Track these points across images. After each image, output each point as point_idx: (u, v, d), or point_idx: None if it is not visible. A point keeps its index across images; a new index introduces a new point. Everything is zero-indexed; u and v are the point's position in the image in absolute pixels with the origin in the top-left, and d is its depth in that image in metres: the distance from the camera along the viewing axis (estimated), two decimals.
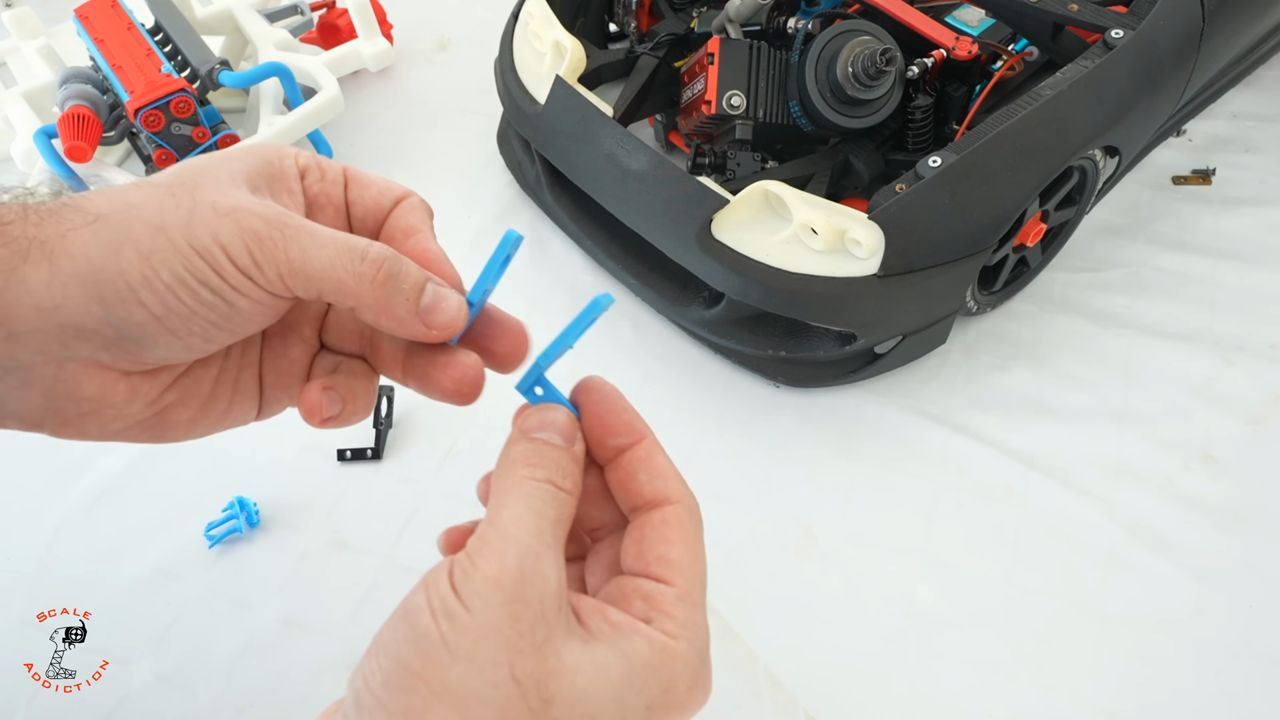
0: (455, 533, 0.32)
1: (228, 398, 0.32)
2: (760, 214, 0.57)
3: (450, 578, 0.25)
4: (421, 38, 0.93)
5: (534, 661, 0.25)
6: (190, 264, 0.27)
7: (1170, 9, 0.61)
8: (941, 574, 0.54)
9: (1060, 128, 0.56)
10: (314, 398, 0.32)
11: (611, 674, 0.26)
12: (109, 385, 0.29)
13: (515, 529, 0.26)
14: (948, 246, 0.55)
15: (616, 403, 0.31)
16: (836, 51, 0.60)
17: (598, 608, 0.28)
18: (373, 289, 0.29)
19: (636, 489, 0.30)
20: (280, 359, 0.34)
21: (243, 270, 0.28)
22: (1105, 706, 0.48)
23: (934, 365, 0.64)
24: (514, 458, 0.29)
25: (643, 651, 0.27)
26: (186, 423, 0.32)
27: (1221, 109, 0.80)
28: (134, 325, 0.27)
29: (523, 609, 0.25)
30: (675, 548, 0.29)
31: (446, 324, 0.30)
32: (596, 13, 0.79)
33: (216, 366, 0.32)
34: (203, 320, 0.28)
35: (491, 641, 0.24)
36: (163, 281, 0.27)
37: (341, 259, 0.29)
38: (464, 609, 0.24)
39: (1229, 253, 0.69)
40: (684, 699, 0.27)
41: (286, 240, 0.28)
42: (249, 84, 0.73)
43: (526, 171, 0.74)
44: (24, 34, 0.82)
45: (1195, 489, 0.56)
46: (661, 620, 0.27)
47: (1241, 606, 0.52)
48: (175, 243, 0.27)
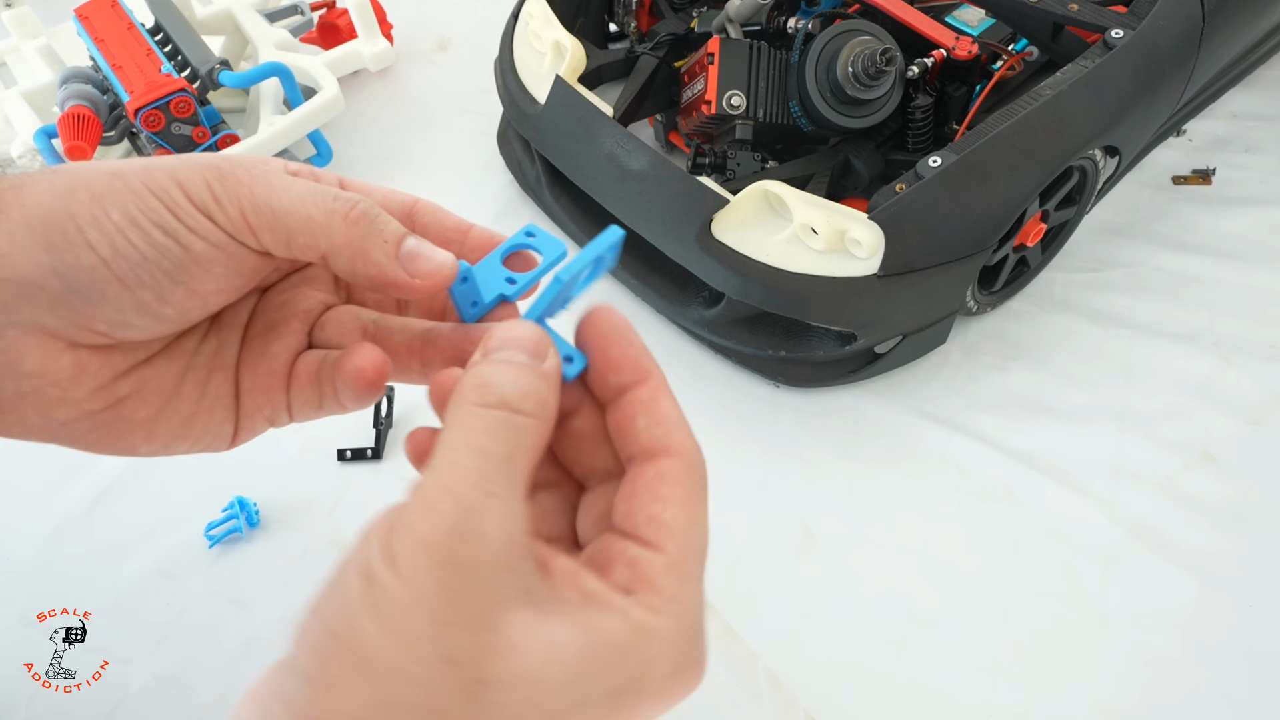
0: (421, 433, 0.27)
1: (194, 399, 0.29)
2: (760, 214, 0.57)
3: (389, 535, 0.22)
4: (421, 38, 0.93)
5: (469, 637, 0.21)
6: (143, 203, 0.25)
7: (1170, 9, 0.61)
8: (941, 574, 0.54)
9: (1060, 128, 0.56)
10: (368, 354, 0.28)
11: (566, 654, 0.22)
12: (52, 357, 0.26)
13: (452, 477, 0.22)
14: (948, 246, 0.55)
15: (622, 335, 0.27)
16: (836, 51, 0.60)
17: (572, 573, 0.24)
18: (346, 225, 0.27)
19: (634, 434, 0.26)
20: (259, 357, 0.30)
21: (199, 207, 0.25)
22: (1105, 706, 0.48)
23: (934, 365, 0.64)
24: (465, 386, 0.24)
25: (613, 629, 0.23)
26: (145, 422, 0.28)
27: (1221, 109, 0.80)
28: (81, 270, 0.25)
29: (454, 576, 0.21)
30: (669, 507, 0.25)
31: (431, 271, 0.27)
32: (596, 13, 0.79)
33: (182, 361, 0.29)
34: (154, 268, 0.25)
35: (418, 613, 0.21)
36: (112, 221, 0.25)
37: (312, 195, 0.27)
38: (392, 573, 0.21)
39: (1229, 253, 0.69)
40: (663, 685, 0.24)
41: (252, 178, 0.26)
42: (249, 84, 0.73)
43: (527, 171, 0.74)
44: (24, 34, 0.82)
45: (1195, 489, 0.57)
46: (644, 593, 0.24)
47: (1241, 606, 0.52)
48: (130, 184, 0.25)
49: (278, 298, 0.31)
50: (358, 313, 0.31)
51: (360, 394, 0.29)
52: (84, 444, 0.28)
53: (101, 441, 0.28)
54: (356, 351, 0.28)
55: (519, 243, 0.30)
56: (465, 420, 0.23)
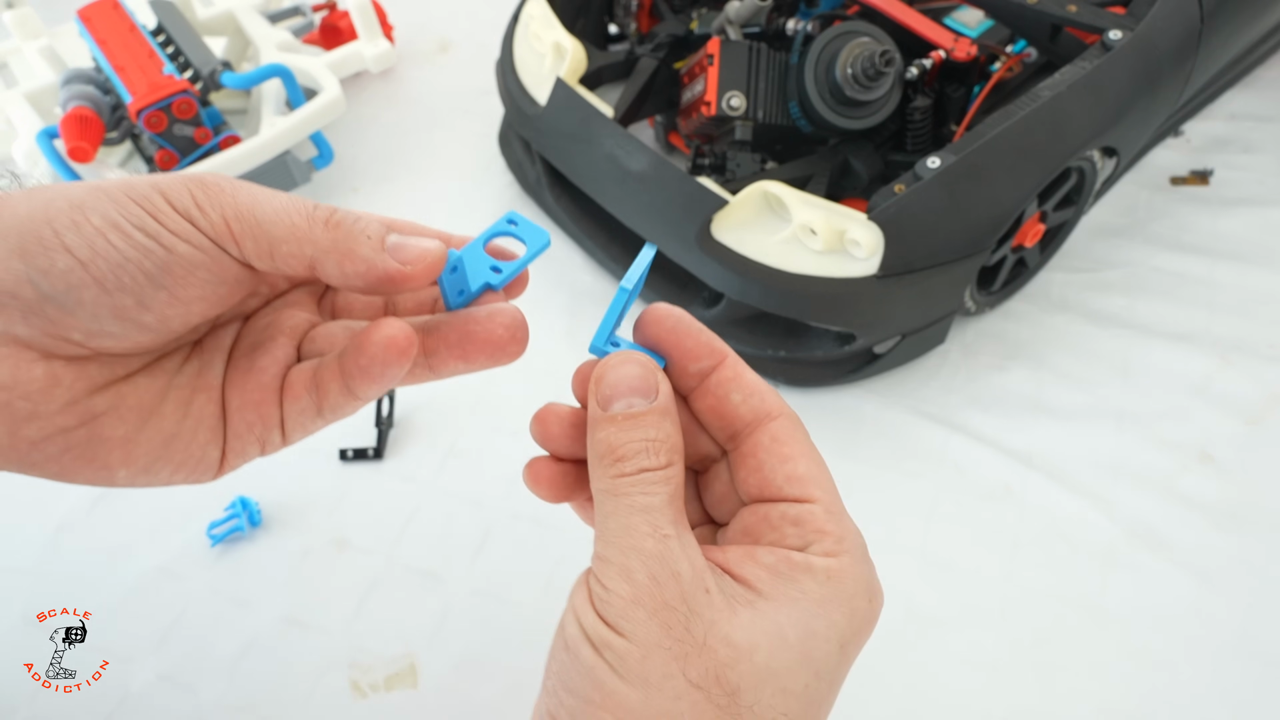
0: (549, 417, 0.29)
1: (176, 418, 0.28)
2: (760, 214, 0.57)
3: (593, 606, 0.25)
4: (423, 39, 0.93)
5: (704, 660, 0.24)
6: (124, 208, 0.25)
7: (1169, 10, 0.61)
8: (941, 573, 0.54)
9: (1059, 129, 0.57)
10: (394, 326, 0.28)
11: (789, 635, 0.24)
12: (23, 368, 0.25)
13: (629, 538, 0.25)
14: (946, 247, 0.55)
15: (692, 325, 0.28)
16: (835, 53, 0.61)
17: (747, 555, 0.26)
18: (328, 229, 0.26)
19: (732, 411, 0.28)
20: (247, 374, 0.29)
21: (182, 212, 0.25)
22: (1104, 705, 0.48)
23: (933, 365, 0.64)
24: (600, 453, 0.26)
25: (812, 589, 0.25)
26: (122, 441, 0.27)
27: (1220, 110, 0.80)
28: (56, 275, 0.24)
29: (670, 615, 0.24)
30: (800, 462, 0.27)
31: (419, 257, 0.27)
32: (597, 14, 0.79)
33: (165, 379, 0.28)
34: (135, 270, 0.25)
35: (656, 657, 0.23)
36: (93, 224, 0.24)
37: (293, 203, 0.27)
38: (617, 635, 0.24)
39: (1227, 253, 0.69)
40: (867, 613, 0.26)
41: (235, 188, 0.26)
42: (251, 85, 0.73)
43: (527, 172, 0.74)
44: (26, 35, 0.82)
45: (1194, 488, 0.57)
46: (820, 541, 0.26)
47: (1240, 606, 0.52)
48: (110, 192, 0.25)
49: (261, 322, 0.31)
50: (348, 324, 0.31)
51: (389, 367, 0.28)
52: (56, 467, 0.26)
53: (75, 464, 0.26)
54: (382, 323, 0.28)
55: (501, 230, 0.30)
56: (615, 490, 0.26)
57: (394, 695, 0.49)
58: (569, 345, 0.66)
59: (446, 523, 0.56)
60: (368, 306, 0.33)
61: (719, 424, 0.28)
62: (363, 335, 0.28)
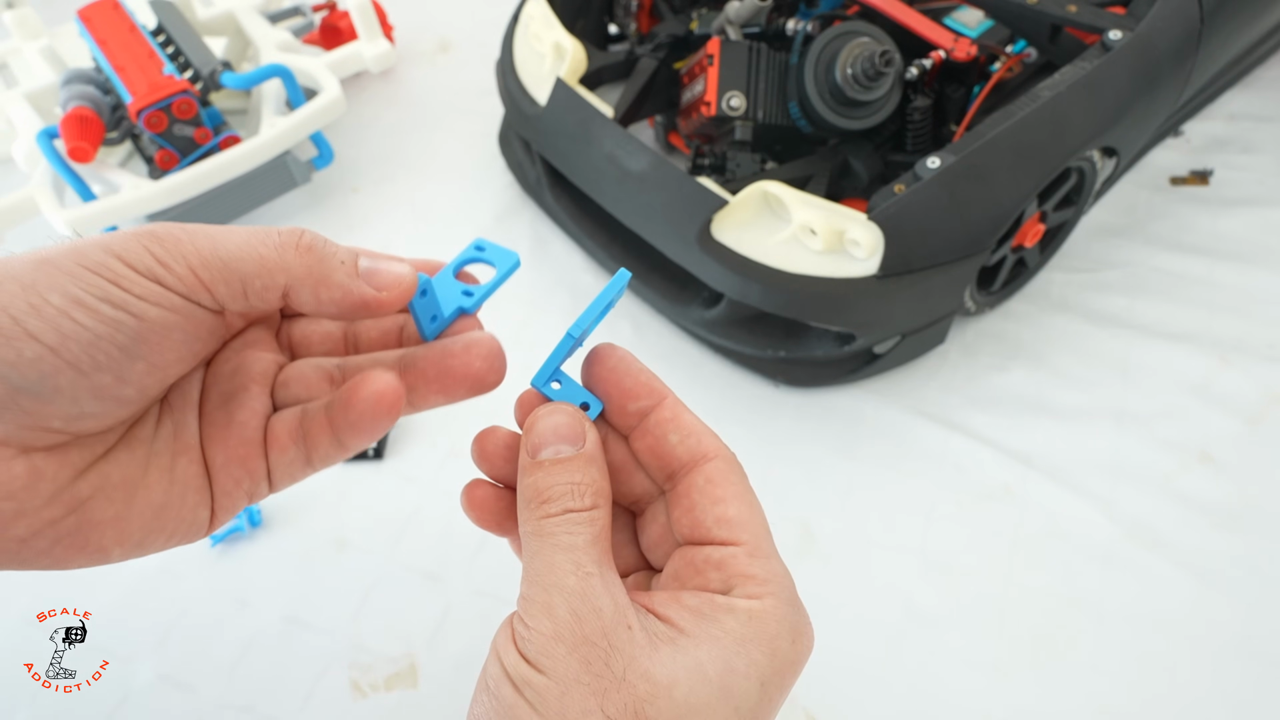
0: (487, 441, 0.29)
1: (163, 488, 0.27)
2: (759, 215, 0.57)
3: (515, 644, 0.25)
4: (423, 39, 0.94)
5: (623, 695, 0.23)
6: (83, 281, 0.23)
7: (1168, 10, 0.61)
8: (940, 573, 0.54)
9: (1058, 129, 0.57)
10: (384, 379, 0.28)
11: (709, 671, 0.24)
12: (2, 466, 0.23)
13: (552, 576, 0.25)
14: (946, 247, 0.55)
15: (631, 365, 0.28)
16: (835, 53, 0.61)
17: (672, 598, 0.26)
18: (299, 254, 0.26)
19: (669, 452, 0.28)
20: (226, 430, 0.28)
21: (145, 273, 0.24)
22: (1104, 705, 0.48)
23: (933, 365, 0.64)
24: (528, 497, 0.27)
25: (734, 629, 0.25)
26: (113, 521, 0.26)
27: (1219, 110, 0.80)
28: (26, 365, 0.23)
29: (590, 651, 0.24)
30: (730, 505, 0.27)
31: (393, 282, 0.27)
32: (597, 14, 0.79)
33: (143, 449, 0.27)
34: (109, 345, 0.24)
35: (575, 693, 0.23)
36: (53, 305, 0.23)
37: (256, 236, 0.26)
38: (537, 672, 0.24)
39: (1226, 253, 0.69)
40: (792, 655, 0.26)
41: (190, 234, 0.25)
42: (251, 85, 0.73)
43: (527, 172, 0.75)
44: (26, 35, 0.82)
45: (1193, 488, 0.57)
46: (742, 584, 0.26)
47: (1240, 605, 0.52)
48: (62, 266, 0.23)
49: (225, 367, 0.30)
50: (318, 363, 0.31)
51: (377, 421, 0.28)
52: (48, 560, 0.25)
53: (67, 553, 0.25)
54: (369, 377, 0.28)
55: (470, 257, 0.31)
56: (540, 531, 0.26)
57: (394, 695, 0.49)
58: None
59: (446, 523, 0.56)
60: (326, 339, 0.32)
61: (657, 464, 0.28)
62: (351, 391, 0.28)
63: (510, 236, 0.73)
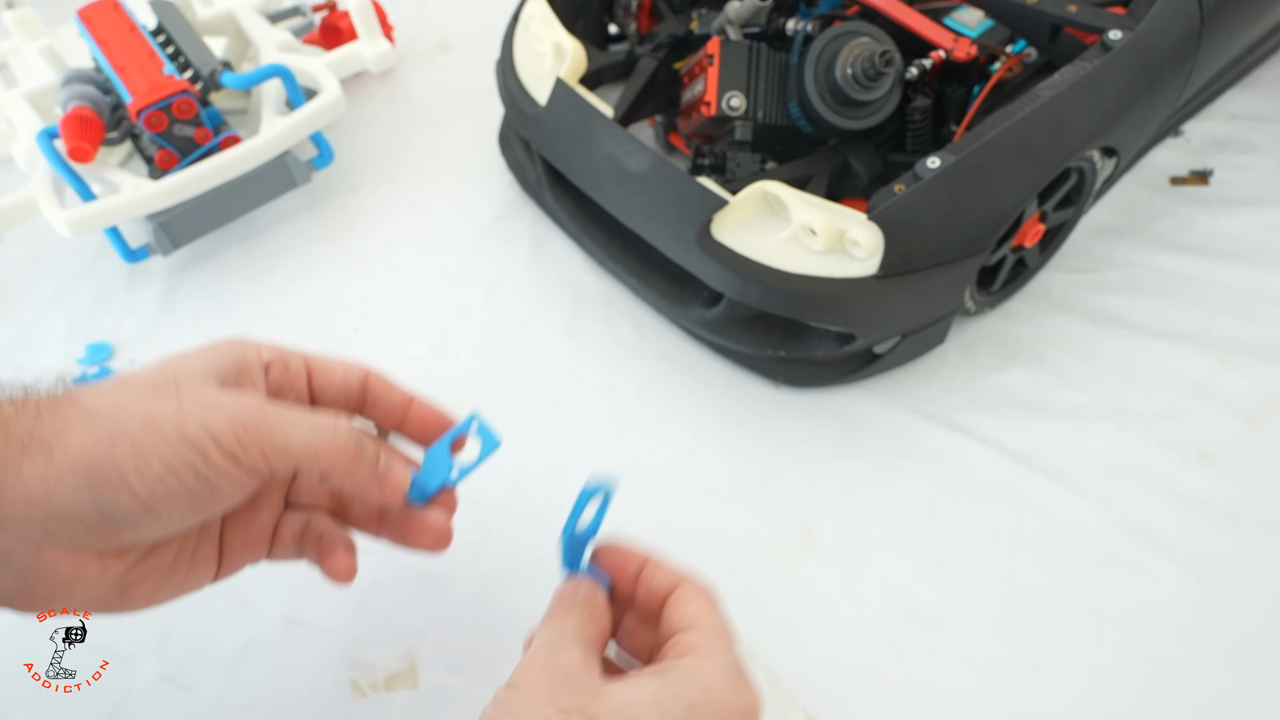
0: None
1: (186, 569, 0.36)
2: (759, 215, 0.57)
3: None
4: (423, 39, 0.94)
5: (575, 695, 0.30)
6: (180, 453, 0.30)
7: (1169, 10, 0.61)
8: (940, 573, 0.54)
9: (1059, 129, 0.57)
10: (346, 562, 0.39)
11: (645, 688, 0.30)
12: (83, 566, 0.31)
13: (542, 639, 0.33)
14: (946, 247, 0.55)
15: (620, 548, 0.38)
16: (835, 53, 0.61)
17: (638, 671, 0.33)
18: (346, 457, 0.34)
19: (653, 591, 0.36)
20: (248, 526, 0.38)
21: (228, 454, 0.31)
22: (1104, 705, 0.48)
23: (933, 365, 0.64)
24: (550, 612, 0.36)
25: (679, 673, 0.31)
26: (147, 594, 0.35)
27: (1220, 110, 0.80)
28: (119, 510, 0.30)
29: (556, 671, 0.31)
30: (691, 605, 0.34)
31: (395, 487, 0.37)
32: (597, 14, 0.79)
33: (178, 543, 0.36)
34: (184, 503, 0.31)
35: (537, 696, 0.30)
36: (153, 471, 0.30)
37: (318, 433, 0.33)
38: (510, 687, 0.31)
39: (1227, 253, 0.69)
40: (725, 698, 0.31)
41: (269, 423, 0.32)
42: (251, 85, 0.73)
43: (527, 172, 0.75)
44: (26, 35, 0.82)
45: (1194, 488, 0.57)
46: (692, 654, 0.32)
47: (1241, 606, 0.52)
48: (167, 435, 0.30)
49: None
50: None
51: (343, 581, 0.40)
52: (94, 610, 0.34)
53: (109, 608, 0.34)
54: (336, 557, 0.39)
55: (463, 429, 0.40)
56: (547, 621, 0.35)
57: (394, 695, 0.49)
58: (568, 345, 0.66)
59: None
60: None
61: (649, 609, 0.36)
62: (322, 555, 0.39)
63: (510, 236, 0.73)
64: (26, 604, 0.31)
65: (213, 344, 0.36)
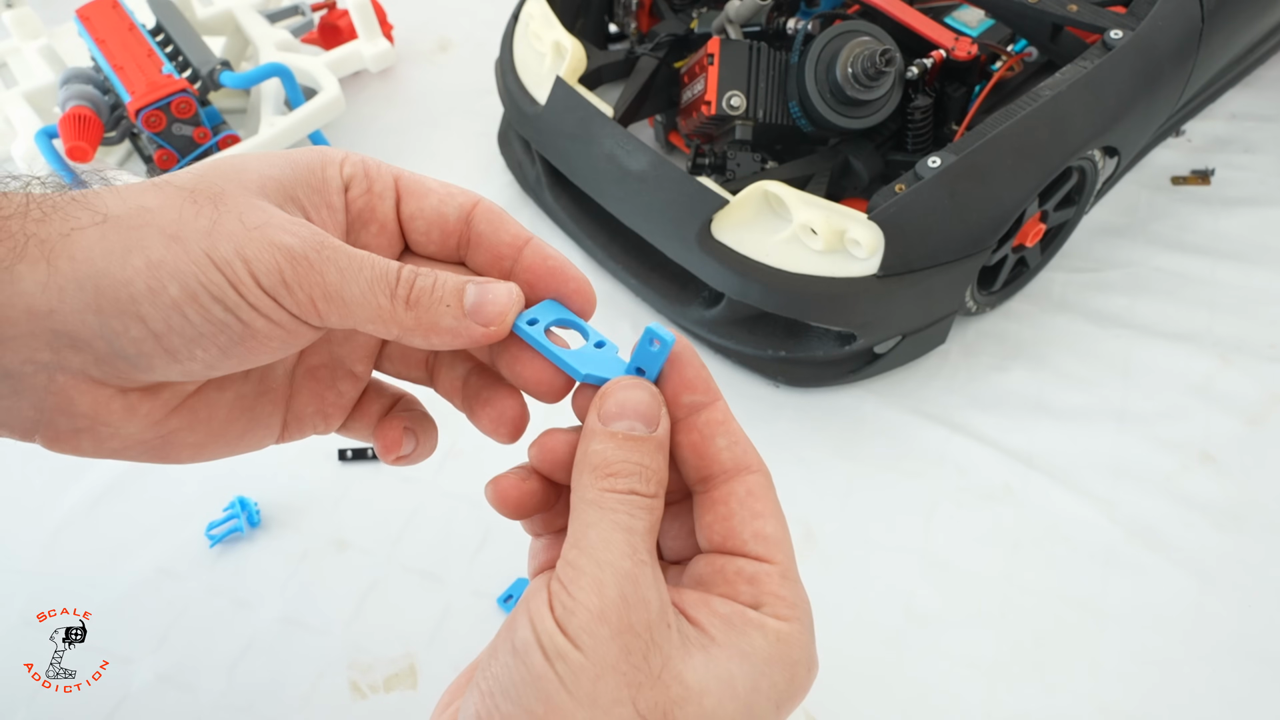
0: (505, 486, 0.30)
1: (242, 426, 0.30)
2: (760, 214, 0.57)
3: (553, 612, 0.24)
4: (422, 38, 0.93)
5: (656, 693, 0.23)
6: (205, 277, 0.24)
7: (1169, 9, 0.61)
8: (941, 573, 0.54)
9: (1059, 128, 0.57)
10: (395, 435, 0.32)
11: (737, 686, 0.24)
12: (103, 402, 0.25)
13: (607, 553, 0.24)
14: (947, 247, 0.55)
15: (693, 359, 0.28)
16: (836, 52, 0.61)
17: (702, 601, 0.26)
18: (409, 310, 0.26)
19: (713, 455, 0.28)
20: (325, 392, 0.31)
21: (268, 290, 0.25)
22: (1105, 706, 0.48)
23: (933, 365, 0.64)
24: (594, 464, 0.26)
25: (761, 646, 0.25)
26: (194, 448, 0.29)
27: (1220, 109, 0.80)
28: (127, 341, 0.24)
29: (633, 640, 0.23)
30: (769, 522, 0.27)
31: (499, 314, 0.27)
32: (596, 13, 0.79)
33: (232, 391, 0.29)
34: (209, 343, 0.25)
35: (609, 679, 0.23)
36: (169, 297, 0.24)
37: (376, 283, 0.26)
38: (574, 648, 0.23)
39: (1228, 253, 0.69)
40: (803, 681, 0.26)
41: (325, 262, 0.25)
42: (250, 84, 0.73)
43: (527, 172, 0.74)
44: (25, 34, 0.82)
45: (1194, 488, 0.57)
46: (772, 604, 0.26)
47: (1241, 606, 0.52)
48: (191, 253, 0.24)
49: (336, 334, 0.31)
50: None
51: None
52: (134, 459, 0.28)
53: (151, 458, 0.28)
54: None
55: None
56: (602, 502, 0.25)
57: (394, 695, 0.49)
58: None
59: (446, 523, 0.56)
60: None
61: (696, 463, 0.28)
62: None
63: None
64: (51, 439, 0.26)
65: (286, 151, 0.29)
